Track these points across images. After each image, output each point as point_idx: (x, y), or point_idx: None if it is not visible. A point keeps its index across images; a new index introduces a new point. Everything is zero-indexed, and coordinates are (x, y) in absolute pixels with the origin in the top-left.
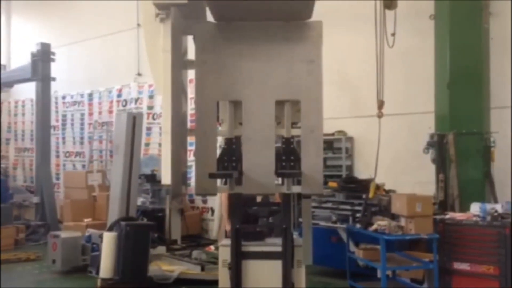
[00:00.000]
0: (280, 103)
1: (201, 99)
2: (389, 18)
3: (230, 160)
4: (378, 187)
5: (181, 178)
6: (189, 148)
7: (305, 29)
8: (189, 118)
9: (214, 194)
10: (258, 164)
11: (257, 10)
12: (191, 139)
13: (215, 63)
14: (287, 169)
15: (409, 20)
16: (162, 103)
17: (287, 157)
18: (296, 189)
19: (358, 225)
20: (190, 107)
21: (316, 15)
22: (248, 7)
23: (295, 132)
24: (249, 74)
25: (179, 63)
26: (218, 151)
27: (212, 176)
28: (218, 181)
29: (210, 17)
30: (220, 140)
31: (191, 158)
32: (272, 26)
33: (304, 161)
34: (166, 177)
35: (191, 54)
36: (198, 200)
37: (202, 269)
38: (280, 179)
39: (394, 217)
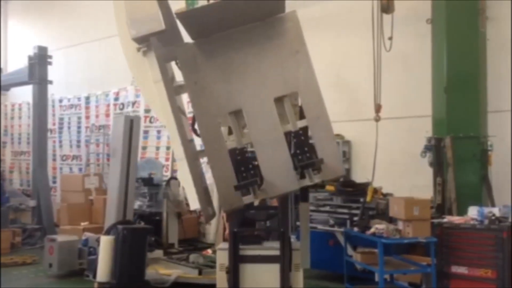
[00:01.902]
0: (278, 101)
1: (201, 118)
2: (386, 22)
3: (247, 169)
4: (375, 191)
5: (207, 200)
6: None
7: (282, 22)
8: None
9: (242, 207)
10: (275, 164)
11: (231, 18)
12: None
13: (205, 80)
14: (305, 161)
15: (407, 24)
16: (169, 132)
17: (301, 149)
18: (318, 177)
19: (355, 229)
20: (188, 110)
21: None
22: (222, 16)
23: (301, 123)
24: (242, 80)
25: (172, 90)
26: None
27: (237, 188)
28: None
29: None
30: None
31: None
32: (250, 28)
33: (318, 149)
34: (193, 203)
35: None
36: None
37: (200, 273)
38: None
39: (391, 220)
